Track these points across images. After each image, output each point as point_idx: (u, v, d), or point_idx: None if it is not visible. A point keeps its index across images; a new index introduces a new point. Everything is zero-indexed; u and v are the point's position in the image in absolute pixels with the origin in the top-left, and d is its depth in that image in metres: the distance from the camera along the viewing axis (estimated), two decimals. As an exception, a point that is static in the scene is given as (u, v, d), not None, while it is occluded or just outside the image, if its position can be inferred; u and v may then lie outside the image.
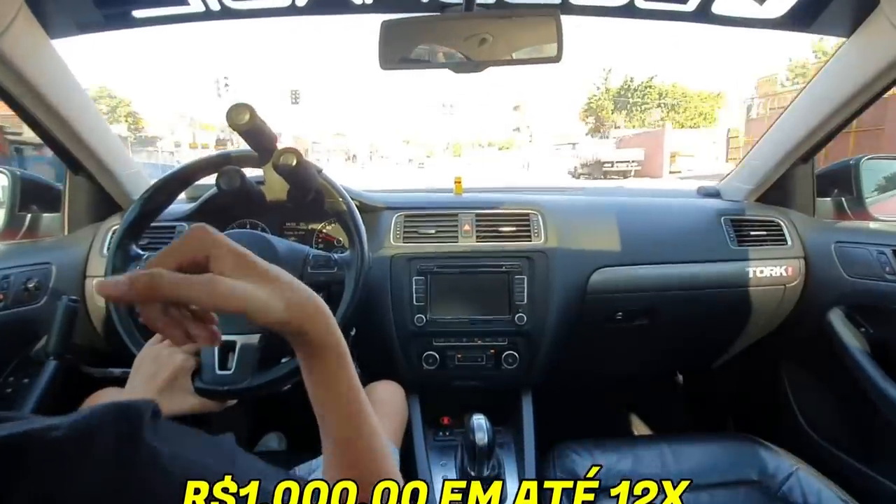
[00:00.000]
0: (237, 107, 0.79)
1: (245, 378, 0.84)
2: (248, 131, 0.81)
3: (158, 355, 0.80)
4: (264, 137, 0.86)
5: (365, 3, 0.99)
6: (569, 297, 1.21)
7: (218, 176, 0.94)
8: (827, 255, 1.23)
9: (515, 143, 51.64)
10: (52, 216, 1.30)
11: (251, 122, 0.80)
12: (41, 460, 0.24)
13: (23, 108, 1.00)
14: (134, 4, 0.96)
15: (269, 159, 0.87)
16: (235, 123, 0.79)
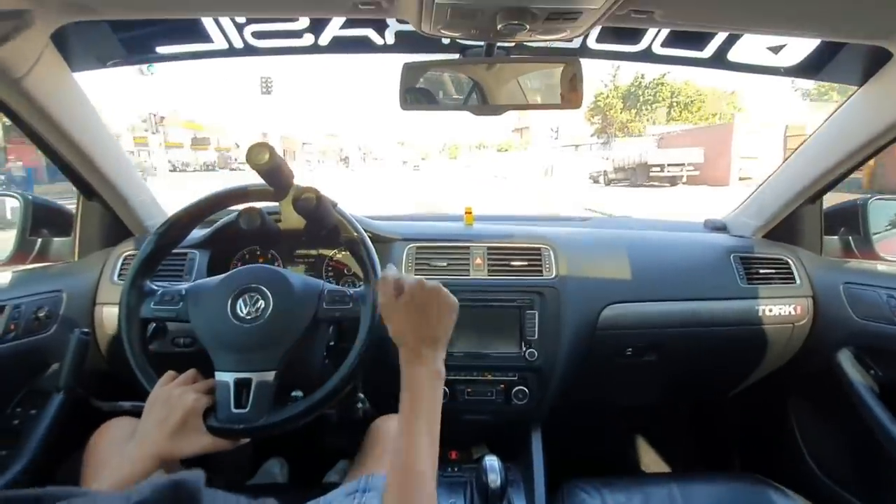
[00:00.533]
0: (258, 147, 0.80)
1: (261, 416, 0.83)
2: (268, 170, 0.82)
3: (169, 397, 0.80)
4: (283, 175, 0.87)
5: (387, 44, 1.00)
6: (579, 332, 1.21)
7: (239, 216, 0.95)
8: (836, 295, 1.24)
9: (514, 145, 49.50)
10: (62, 241, 1.29)
11: (271, 162, 0.81)
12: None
13: (40, 138, 1.00)
14: (157, 40, 0.97)
15: (285, 195, 0.88)
16: (256, 163, 0.80)
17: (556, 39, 0.87)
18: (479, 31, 0.81)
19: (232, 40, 0.96)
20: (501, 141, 54.39)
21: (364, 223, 1.19)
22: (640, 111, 32.05)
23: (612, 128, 32.44)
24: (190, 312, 0.90)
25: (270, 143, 0.80)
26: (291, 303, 0.89)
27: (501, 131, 58.35)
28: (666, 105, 31.48)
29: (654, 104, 31.70)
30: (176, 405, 0.79)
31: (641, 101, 31.82)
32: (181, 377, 0.85)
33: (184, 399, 0.80)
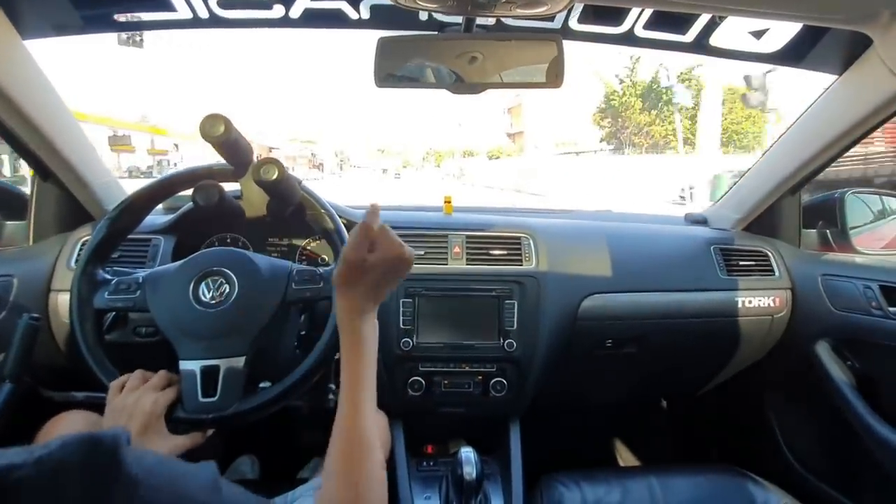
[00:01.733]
0: (211, 117, 0.75)
1: (232, 404, 0.79)
2: (224, 143, 0.78)
3: (123, 407, 0.75)
4: (240, 150, 0.82)
5: (361, 19, 0.96)
6: (559, 323, 1.19)
7: (194, 191, 0.90)
8: (814, 288, 1.24)
9: (506, 151, 45.69)
10: (16, 224, 1.22)
11: (226, 134, 0.76)
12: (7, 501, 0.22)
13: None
14: (116, 7, 0.91)
15: (244, 173, 0.84)
16: (210, 135, 0.75)
17: (537, 16, 0.84)
18: (457, 3, 0.78)
19: (196, 9, 0.90)
20: (492, 147, 49.90)
21: (340, 210, 1.15)
22: (662, 112, 25.47)
23: (624, 132, 26.78)
24: (149, 300, 0.85)
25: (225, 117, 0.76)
26: (258, 285, 0.85)
27: (492, 136, 53.83)
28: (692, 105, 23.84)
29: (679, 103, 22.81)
30: (133, 412, 0.74)
31: (664, 101, 24.89)
32: (131, 380, 0.79)
33: (140, 404, 0.75)
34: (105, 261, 0.90)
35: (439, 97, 31.81)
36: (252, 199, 0.84)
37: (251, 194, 0.83)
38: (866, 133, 1.07)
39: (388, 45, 0.90)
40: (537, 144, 37.13)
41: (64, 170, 1.11)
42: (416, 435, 1.23)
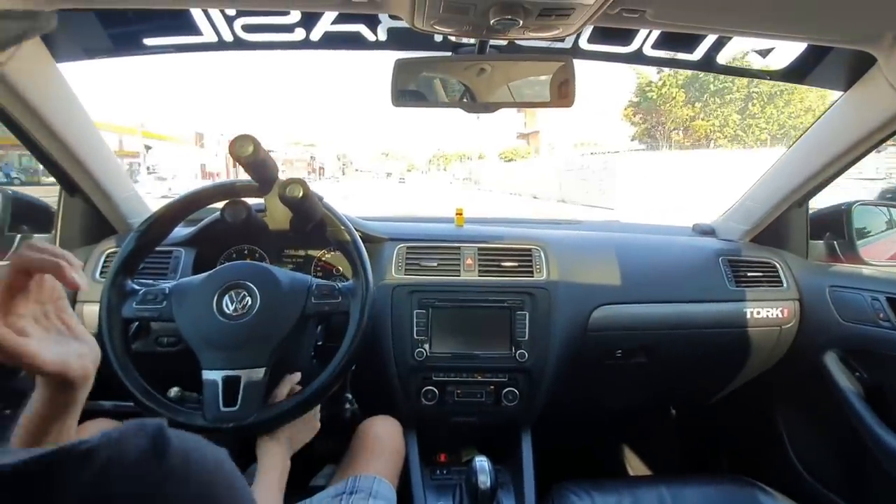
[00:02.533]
0: (241, 138, 0.79)
1: (251, 414, 0.82)
2: (252, 163, 0.81)
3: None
4: (267, 169, 0.85)
5: (379, 41, 1.00)
6: (570, 334, 1.21)
7: (223, 208, 0.93)
8: (822, 299, 1.26)
9: (520, 153, 40.54)
10: (42, 237, 1.26)
11: (255, 154, 0.79)
12: (77, 467, 0.25)
13: (22, 130, 0.98)
14: (145, 32, 0.95)
15: (269, 189, 0.87)
16: (239, 155, 0.79)
17: (549, 38, 0.87)
18: (473, 27, 0.81)
19: (221, 33, 0.94)
20: (505, 148, 44.85)
21: (355, 223, 1.18)
22: (707, 105, 22.03)
23: (663, 127, 22.87)
24: (174, 311, 0.88)
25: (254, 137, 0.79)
26: (279, 298, 0.88)
27: (505, 137, 48.20)
28: (741, 97, 21.27)
29: (727, 95, 21.27)
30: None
31: (710, 92, 21.74)
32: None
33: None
34: (133, 272, 0.93)
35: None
36: (275, 215, 0.87)
37: (275, 210, 0.87)
38: (872, 147, 1.09)
39: (405, 66, 0.94)
40: (553, 145, 35.22)
41: (90, 185, 1.16)
42: (430, 443, 1.25)
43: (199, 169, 34.93)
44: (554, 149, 33.91)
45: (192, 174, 29.68)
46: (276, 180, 0.86)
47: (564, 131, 33.83)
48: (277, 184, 0.84)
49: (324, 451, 1.46)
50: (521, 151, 41.49)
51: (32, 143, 1.01)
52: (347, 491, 0.92)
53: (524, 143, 44.27)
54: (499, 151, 45.68)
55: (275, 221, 0.88)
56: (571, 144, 32.66)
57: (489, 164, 43.56)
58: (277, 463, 0.84)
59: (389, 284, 1.20)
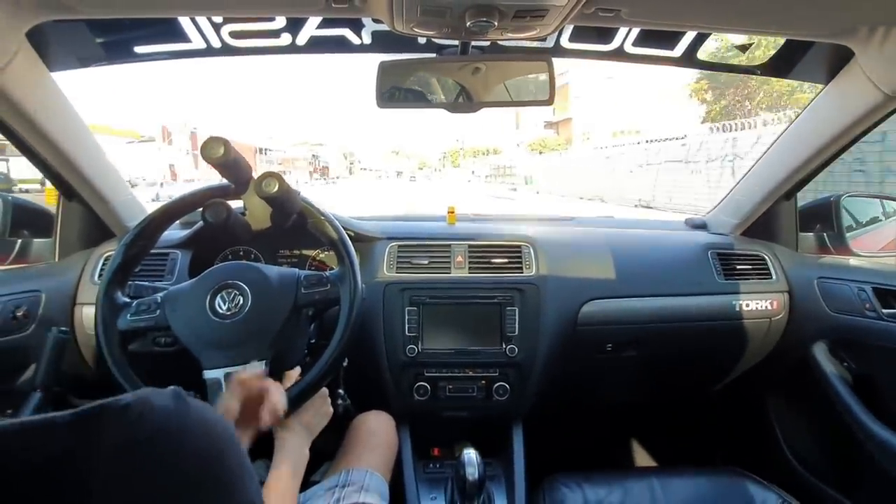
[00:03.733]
0: (211, 140, 0.81)
1: None
2: (224, 164, 0.83)
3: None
4: (240, 169, 0.87)
5: (364, 44, 1.02)
6: (560, 328, 1.23)
7: (203, 210, 0.95)
8: (810, 290, 1.27)
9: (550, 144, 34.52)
10: (43, 241, 1.29)
11: (226, 156, 0.81)
12: (118, 416, 0.32)
13: (18, 139, 1.00)
14: (136, 40, 0.98)
15: (245, 189, 0.89)
16: (210, 157, 0.81)
17: (528, 38, 0.89)
18: (451, 29, 0.83)
19: (210, 40, 0.97)
20: (532, 139, 37.77)
21: (345, 222, 1.20)
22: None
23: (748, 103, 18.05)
24: (169, 318, 0.90)
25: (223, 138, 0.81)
26: (270, 293, 0.90)
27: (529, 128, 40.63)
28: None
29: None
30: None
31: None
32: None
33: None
34: (124, 284, 0.95)
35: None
36: (256, 213, 0.89)
37: (255, 208, 0.89)
38: (855, 140, 1.10)
39: (389, 67, 0.96)
40: (589, 134, 30.47)
41: (87, 190, 1.18)
42: (423, 438, 1.27)
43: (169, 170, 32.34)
44: (589, 138, 29.87)
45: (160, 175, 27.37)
46: (251, 179, 0.87)
47: (599, 118, 29.71)
48: (253, 182, 0.86)
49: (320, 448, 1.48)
50: (550, 143, 36.10)
51: (29, 150, 1.04)
52: (340, 484, 0.94)
53: (552, 132, 38.89)
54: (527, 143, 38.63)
55: (256, 220, 0.90)
56: (610, 132, 27.79)
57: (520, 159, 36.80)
58: (291, 453, 0.86)
59: (381, 282, 1.22)
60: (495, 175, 39.56)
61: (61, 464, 0.29)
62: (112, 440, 0.31)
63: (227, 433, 0.37)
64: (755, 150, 10.34)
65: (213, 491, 0.34)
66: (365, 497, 0.91)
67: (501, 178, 36.84)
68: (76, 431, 0.31)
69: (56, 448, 0.30)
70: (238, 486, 0.36)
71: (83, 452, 0.30)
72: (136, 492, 0.31)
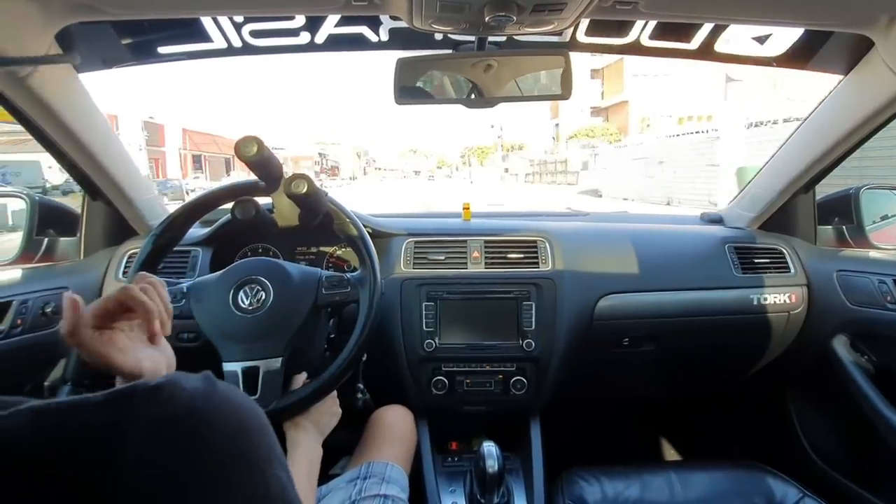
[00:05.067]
0: (246, 139, 0.83)
1: (271, 401, 0.86)
2: (257, 162, 0.85)
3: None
4: (272, 167, 0.89)
5: (381, 41, 1.03)
6: (576, 322, 1.23)
7: (233, 207, 0.98)
8: (829, 284, 1.26)
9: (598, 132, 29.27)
10: (68, 240, 1.32)
11: (259, 154, 0.83)
12: (149, 396, 0.32)
13: (47, 138, 1.03)
14: (159, 41, 1.00)
15: (276, 187, 0.91)
16: (245, 155, 0.83)
17: (545, 32, 0.89)
18: (469, 25, 0.84)
19: (231, 39, 0.99)
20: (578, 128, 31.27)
21: (364, 219, 1.22)
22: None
23: None
24: (193, 308, 0.93)
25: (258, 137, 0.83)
26: (291, 291, 0.92)
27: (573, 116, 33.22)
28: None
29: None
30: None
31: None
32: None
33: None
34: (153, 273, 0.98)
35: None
36: (283, 212, 0.91)
37: (282, 207, 0.91)
38: (875, 131, 1.09)
39: (407, 64, 0.97)
40: (648, 120, 25.55)
41: (111, 189, 1.21)
42: (441, 432, 1.28)
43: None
44: (649, 125, 25.44)
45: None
46: (282, 178, 0.89)
47: (656, 103, 25.29)
48: (283, 181, 0.88)
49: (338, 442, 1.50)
50: (598, 131, 30.01)
51: (57, 149, 1.06)
52: (361, 476, 0.96)
53: (601, 119, 32.60)
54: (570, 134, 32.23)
55: (283, 218, 0.92)
56: (675, 119, 23.85)
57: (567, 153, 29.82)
58: (306, 452, 0.87)
59: (398, 278, 1.24)
60: (540, 173, 31.81)
61: (93, 441, 0.30)
62: (143, 418, 0.31)
63: (256, 416, 0.38)
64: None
65: (241, 470, 0.35)
66: (386, 489, 0.92)
67: (550, 177, 29.37)
68: (108, 409, 0.31)
69: (88, 425, 0.30)
70: (267, 467, 0.36)
71: (115, 430, 0.30)
72: (167, 469, 0.31)
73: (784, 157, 1.31)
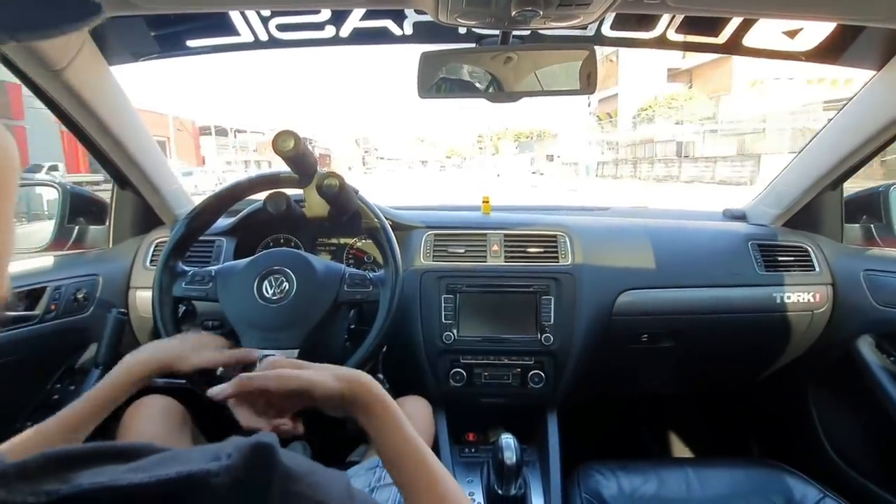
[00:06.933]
0: (283, 134, 0.84)
1: None
2: (293, 157, 0.87)
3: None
4: (307, 163, 0.91)
5: (405, 35, 1.04)
6: (595, 318, 1.23)
7: (266, 199, 1.00)
8: (856, 283, 1.23)
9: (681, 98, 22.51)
10: (97, 228, 1.36)
11: (296, 149, 0.85)
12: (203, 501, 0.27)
13: (80, 129, 1.06)
14: (188, 34, 1.02)
15: (309, 182, 0.93)
16: (281, 150, 0.84)
17: (571, 27, 0.89)
18: (495, 19, 0.84)
19: (257, 33, 1.00)
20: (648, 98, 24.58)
21: (385, 211, 1.23)
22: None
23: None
24: (219, 292, 0.95)
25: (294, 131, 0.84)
26: (314, 285, 0.93)
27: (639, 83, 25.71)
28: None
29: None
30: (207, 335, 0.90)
31: None
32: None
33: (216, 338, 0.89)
34: (184, 255, 1.01)
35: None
36: (313, 206, 0.93)
37: (313, 201, 0.93)
38: (908, 128, 1.06)
39: (430, 58, 0.97)
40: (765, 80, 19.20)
41: (140, 179, 1.24)
42: (459, 423, 1.30)
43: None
44: (760, 89, 19.22)
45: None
46: (316, 173, 0.91)
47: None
48: (317, 176, 0.90)
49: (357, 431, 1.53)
50: (681, 97, 22.75)
51: (89, 140, 1.10)
52: (380, 465, 0.97)
53: (683, 84, 24.77)
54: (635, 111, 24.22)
55: (313, 212, 0.94)
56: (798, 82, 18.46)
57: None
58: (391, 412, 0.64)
59: (418, 270, 1.25)
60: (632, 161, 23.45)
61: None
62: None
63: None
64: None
65: None
66: None
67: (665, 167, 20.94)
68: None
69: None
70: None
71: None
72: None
73: (812, 153, 1.28)
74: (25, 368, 1.05)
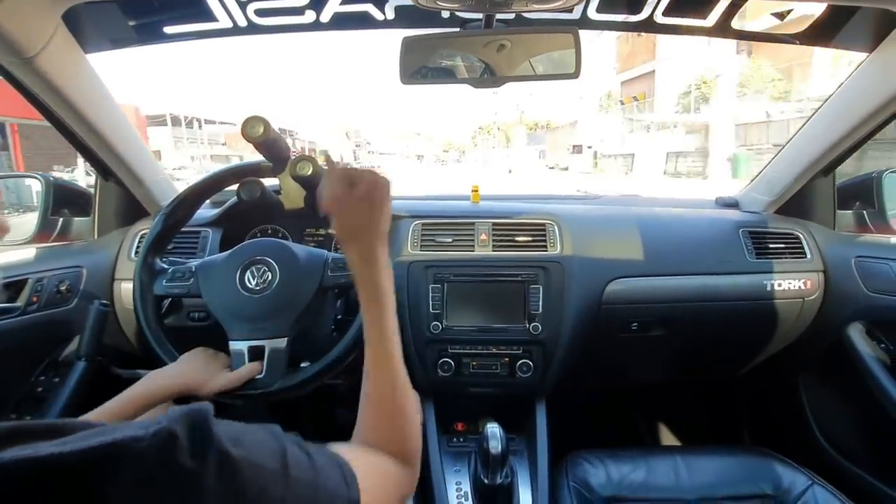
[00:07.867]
0: (252, 120, 0.83)
1: (276, 380, 0.88)
2: (263, 143, 0.85)
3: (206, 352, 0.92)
4: (278, 148, 0.89)
5: (387, 20, 1.01)
6: (584, 306, 1.22)
7: (238, 187, 0.98)
8: (847, 270, 1.22)
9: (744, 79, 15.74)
10: (82, 220, 1.35)
11: (265, 135, 0.83)
12: (132, 469, 0.27)
13: (57, 119, 1.04)
14: (165, 21, 1.00)
15: (282, 169, 0.91)
16: (250, 136, 0.83)
17: (554, 9, 0.87)
18: (476, 1, 0.82)
19: (236, 18, 0.98)
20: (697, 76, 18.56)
21: None
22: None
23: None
24: (201, 287, 0.94)
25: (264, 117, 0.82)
26: (297, 272, 0.92)
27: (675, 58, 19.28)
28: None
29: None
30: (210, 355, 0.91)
31: None
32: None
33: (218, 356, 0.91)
34: (162, 252, 1.00)
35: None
36: (289, 193, 0.92)
37: (289, 189, 0.91)
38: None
39: (413, 43, 0.95)
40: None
41: (122, 170, 1.22)
42: (447, 413, 1.29)
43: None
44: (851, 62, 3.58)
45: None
46: (289, 160, 0.89)
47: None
48: (289, 163, 0.88)
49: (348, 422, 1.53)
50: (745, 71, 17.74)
51: (67, 130, 1.08)
52: None
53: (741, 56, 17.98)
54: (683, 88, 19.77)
55: (289, 200, 0.92)
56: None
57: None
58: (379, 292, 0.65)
59: (406, 260, 1.23)
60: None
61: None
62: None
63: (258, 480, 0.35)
64: None
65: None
66: None
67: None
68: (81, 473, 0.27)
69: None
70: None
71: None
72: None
73: (804, 138, 1.27)
74: (8, 361, 1.04)
